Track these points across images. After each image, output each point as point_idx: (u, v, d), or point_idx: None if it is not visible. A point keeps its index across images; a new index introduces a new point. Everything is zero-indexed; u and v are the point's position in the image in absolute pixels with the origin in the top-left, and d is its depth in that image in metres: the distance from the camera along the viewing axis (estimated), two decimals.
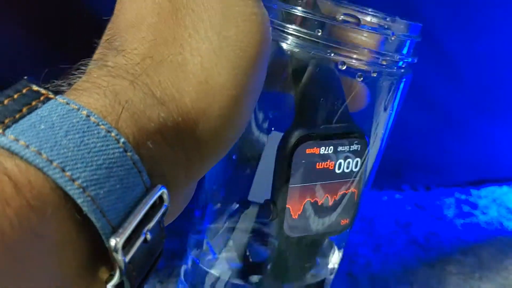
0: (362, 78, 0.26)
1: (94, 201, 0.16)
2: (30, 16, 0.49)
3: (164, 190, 0.19)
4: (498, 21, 0.60)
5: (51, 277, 0.16)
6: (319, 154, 0.26)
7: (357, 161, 0.27)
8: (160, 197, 0.19)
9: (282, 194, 0.26)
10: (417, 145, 0.64)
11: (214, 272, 0.29)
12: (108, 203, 0.17)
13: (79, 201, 0.16)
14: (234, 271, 0.29)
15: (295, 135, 0.25)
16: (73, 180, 0.16)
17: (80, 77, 0.20)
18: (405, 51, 0.27)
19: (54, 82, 0.19)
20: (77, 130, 0.17)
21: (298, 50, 0.25)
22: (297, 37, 0.25)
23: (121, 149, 0.17)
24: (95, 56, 0.21)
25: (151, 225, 0.18)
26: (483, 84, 0.62)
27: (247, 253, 0.29)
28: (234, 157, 0.29)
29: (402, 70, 0.28)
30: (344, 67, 0.25)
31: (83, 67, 0.20)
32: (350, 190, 0.28)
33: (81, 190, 0.16)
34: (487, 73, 0.62)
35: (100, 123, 0.17)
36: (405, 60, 0.27)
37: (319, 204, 0.27)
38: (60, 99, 0.17)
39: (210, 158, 0.22)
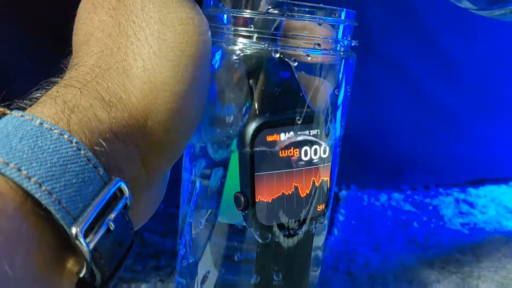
0: (296, 63, 0.27)
1: (52, 195, 0.18)
2: (30, 16, 0.49)
3: (122, 183, 0.21)
4: (498, 21, 0.60)
5: (18, 270, 0.17)
6: (280, 141, 0.27)
7: (324, 148, 0.28)
8: (121, 190, 0.21)
9: (249, 185, 0.26)
10: (416, 145, 0.64)
11: (201, 266, 0.30)
12: (66, 195, 0.19)
13: (37, 195, 0.18)
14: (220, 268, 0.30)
15: (254, 124, 0.26)
16: (29, 178, 0.18)
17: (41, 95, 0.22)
18: (339, 35, 0.29)
19: (16, 101, 0.22)
20: (31, 136, 0.19)
21: (242, 48, 0.27)
22: (243, 37, 0.27)
23: (74, 148, 0.19)
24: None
25: (113, 215, 0.20)
26: (482, 85, 0.62)
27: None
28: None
29: (342, 53, 0.29)
30: (296, 64, 0.27)
31: (46, 86, 0.23)
32: (320, 177, 0.28)
33: (37, 185, 0.18)
34: (485, 73, 0.62)
35: (53, 128, 0.19)
36: (341, 43, 0.29)
37: (290, 191, 0.27)
38: (15, 113, 0.20)
39: (165, 151, 0.24)
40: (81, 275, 0.20)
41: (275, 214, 0.27)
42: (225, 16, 0.27)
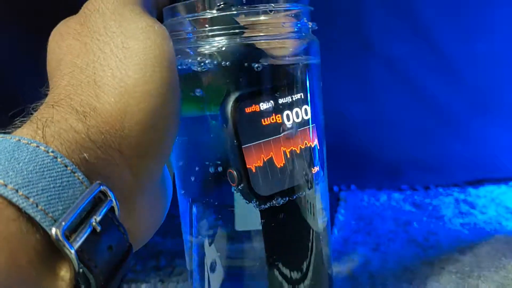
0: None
1: (28, 199, 0.19)
2: (30, 16, 0.49)
3: (104, 187, 0.21)
4: (497, 21, 0.60)
5: (2, 270, 0.18)
6: (261, 110, 0.27)
7: (305, 109, 0.29)
8: (106, 195, 0.22)
9: (239, 158, 0.27)
10: (416, 145, 0.64)
11: (207, 257, 0.30)
12: (44, 199, 0.19)
13: (13, 200, 0.19)
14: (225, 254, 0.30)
15: (230, 99, 0.27)
16: (6, 185, 0.19)
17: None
18: (299, 19, 0.30)
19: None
20: (8, 151, 0.20)
21: (209, 47, 0.28)
22: (207, 37, 0.28)
23: (51, 157, 0.20)
24: None
25: (98, 217, 0.21)
26: (482, 84, 0.62)
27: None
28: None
29: (303, 35, 0.30)
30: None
31: (32, 111, 0.24)
32: (308, 139, 0.29)
33: (14, 191, 0.19)
34: (485, 73, 0.62)
35: (30, 142, 0.21)
36: (299, 27, 0.29)
37: (281, 157, 0.28)
38: None
39: (148, 153, 0.25)
40: (72, 279, 0.20)
41: (271, 183, 0.28)
42: (185, 22, 0.29)
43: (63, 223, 0.19)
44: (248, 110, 0.27)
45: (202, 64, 0.28)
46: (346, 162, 0.33)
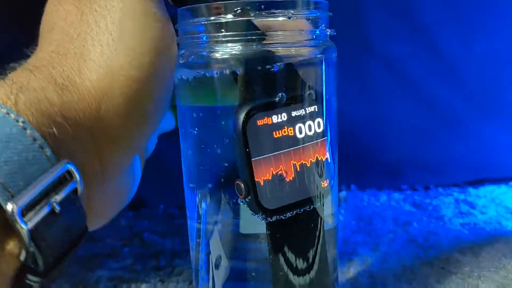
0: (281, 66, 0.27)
1: None
2: (31, 17, 0.49)
3: (71, 166, 0.20)
4: (497, 21, 0.61)
5: None
6: (273, 123, 0.27)
7: (318, 122, 0.28)
8: (71, 175, 0.20)
9: (248, 170, 0.26)
10: (416, 145, 0.64)
11: (212, 253, 0.30)
12: (5, 171, 0.18)
13: None
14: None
15: (242, 111, 0.26)
16: None
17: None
18: (315, 26, 0.29)
19: None
20: None
21: (223, 52, 0.27)
22: (221, 42, 0.27)
23: (20, 127, 0.19)
24: None
25: (58, 197, 0.20)
26: (482, 85, 0.62)
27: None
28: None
29: (321, 42, 0.29)
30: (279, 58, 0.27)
31: (9, 71, 0.23)
32: (319, 152, 0.28)
33: None
34: (485, 73, 0.62)
35: (0, 108, 0.19)
36: (317, 34, 0.29)
37: (291, 170, 0.28)
38: None
39: (119, 140, 0.24)
40: (21, 258, 0.19)
41: (279, 196, 0.27)
42: (200, 24, 0.28)
43: (21, 200, 0.18)
44: (260, 122, 0.27)
45: (216, 69, 0.27)
46: (346, 162, 0.33)
